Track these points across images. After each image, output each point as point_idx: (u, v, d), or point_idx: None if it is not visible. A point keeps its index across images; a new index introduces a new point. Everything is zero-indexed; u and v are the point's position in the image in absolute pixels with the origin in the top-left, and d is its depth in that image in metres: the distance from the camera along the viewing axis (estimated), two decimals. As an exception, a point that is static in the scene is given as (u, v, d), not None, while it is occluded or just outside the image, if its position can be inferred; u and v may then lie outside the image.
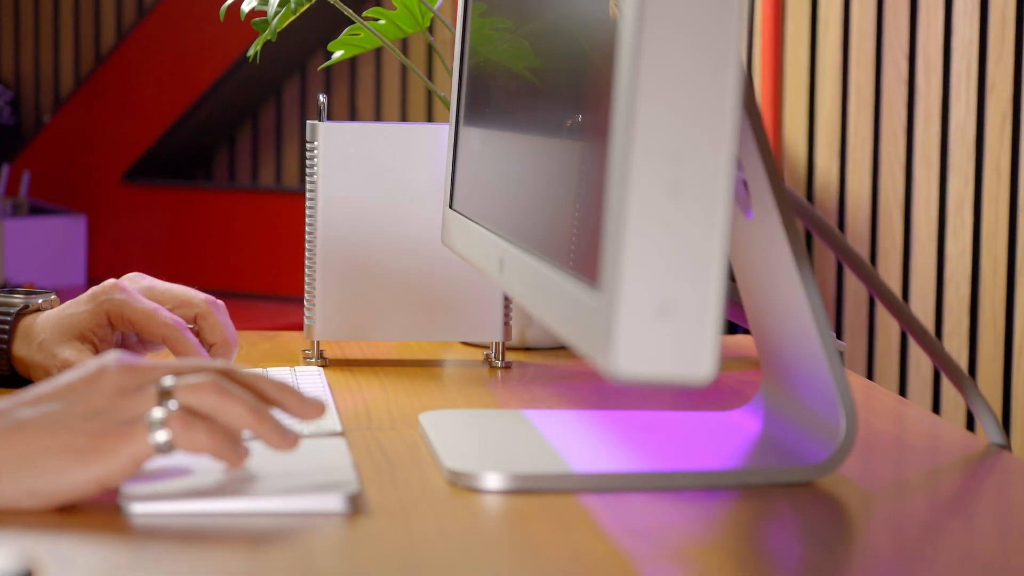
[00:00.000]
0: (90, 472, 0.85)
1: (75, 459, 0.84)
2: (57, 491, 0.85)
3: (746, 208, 0.94)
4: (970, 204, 2.43)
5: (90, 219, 3.43)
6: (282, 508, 0.86)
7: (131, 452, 0.85)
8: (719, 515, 0.89)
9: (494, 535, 0.85)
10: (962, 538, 0.86)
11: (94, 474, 0.85)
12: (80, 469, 0.85)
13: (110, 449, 0.85)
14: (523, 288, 0.96)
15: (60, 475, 0.84)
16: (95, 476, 0.85)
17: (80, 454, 0.84)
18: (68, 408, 0.86)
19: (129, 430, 0.85)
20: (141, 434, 0.85)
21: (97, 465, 0.85)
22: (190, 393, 0.86)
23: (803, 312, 0.92)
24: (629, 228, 0.76)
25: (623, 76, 0.77)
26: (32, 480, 0.84)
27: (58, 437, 0.85)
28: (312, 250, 1.29)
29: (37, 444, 0.85)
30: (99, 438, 0.85)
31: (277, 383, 0.90)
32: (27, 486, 0.84)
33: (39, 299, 1.21)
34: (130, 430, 0.85)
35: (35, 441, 0.85)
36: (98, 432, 0.85)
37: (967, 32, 2.42)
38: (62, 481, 0.85)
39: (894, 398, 1.20)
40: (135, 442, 0.85)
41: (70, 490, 0.85)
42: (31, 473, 0.84)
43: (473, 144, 1.20)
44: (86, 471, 0.85)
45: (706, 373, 0.77)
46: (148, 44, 3.38)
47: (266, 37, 1.37)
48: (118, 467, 0.85)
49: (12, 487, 0.84)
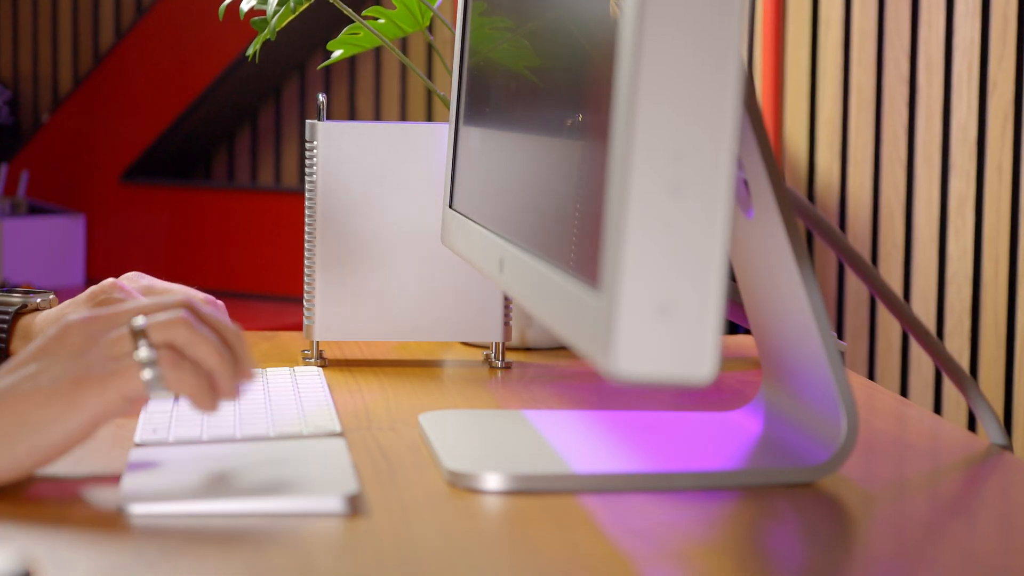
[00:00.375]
0: (82, 414, 0.86)
1: (64, 405, 0.86)
2: (55, 441, 0.86)
3: (747, 208, 0.94)
4: (972, 204, 2.42)
5: (89, 219, 3.43)
6: (281, 509, 0.85)
7: (118, 389, 0.87)
8: (720, 516, 0.89)
9: (494, 536, 0.85)
10: (964, 539, 0.86)
11: (87, 415, 0.86)
12: (72, 413, 0.86)
13: (97, 389, 0.86)
14: (523, 288, 0.96)
15: (54, 425, 0.86)
16: (88, 417, 0.86)
17: (67, 398, 0.86)
18: (44, 366, 0.87)
19: (115, 368, 0.87)
20: (128, 371, 0.87)
21: (87, 405, 0.86)
22: (163, 331, 0.88)
23: (804, 312, 0.92)
24: (629, 227, 0.76)
25: (624, 75, 0.77)
26: (28, 439, 0.86)
27: (41, 391, 0.86)
28: (311, 250, 1.29)
29: (24, 404, 0.86)
30: (83, 381, 0.86)
31: (235, 330, 0.91)
32: (25, 447, 0.86)
33: (38, 299, 1.21)
34: (117, 368, 0.87)
35: (22, 402, 0.86)
36: (81, 375, 0.86)
37: (969, 32, 2.42)
38: (57, 430, 0.86)
39: (895, 398, 1.19)
40: (122, 379, 0.86)
41: (67, 437, 0.86)
42: (25, 433, 0.86)
43: (473, 144, 1.19)
44: (78, 414, 0.86)
45: (707, 373, 0.77)
46: (147, 43, 3.38)
47: (265, 36, 1.36)
48: (107, 404, 0.86)
49: (10, 452, 0.86)
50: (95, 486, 0.90)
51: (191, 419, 1.04)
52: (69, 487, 0.90)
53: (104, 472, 0.93)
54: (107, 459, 0.96)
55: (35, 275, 3.28)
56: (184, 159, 3.49)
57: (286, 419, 1.05)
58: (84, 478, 0.92)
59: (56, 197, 3.47)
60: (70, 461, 0.95)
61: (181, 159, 3.49)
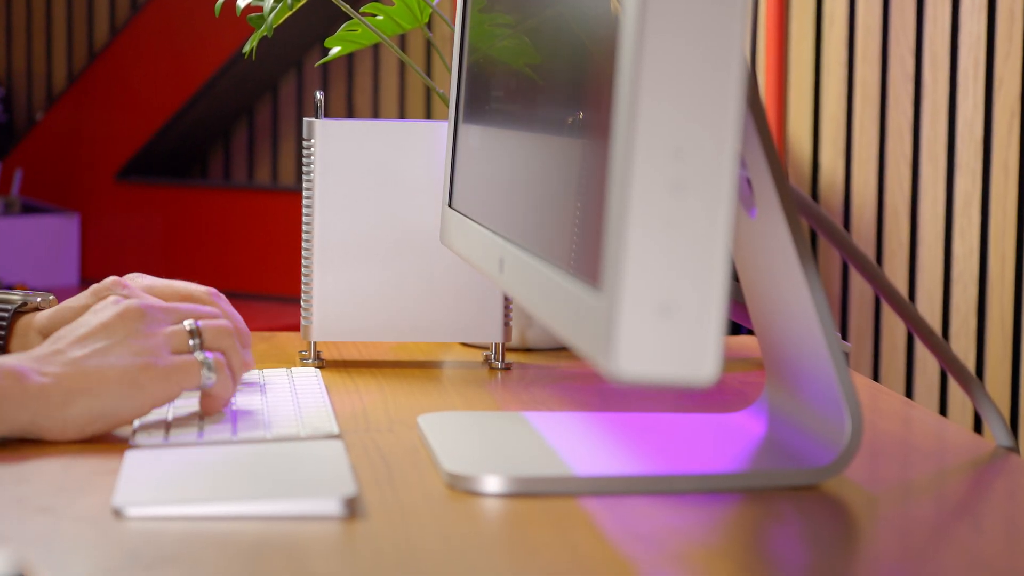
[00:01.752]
0: (143, 398, 1.00)
1: (133, 386, 1.00)
2: (118, 415, 1.00)
3: (749, 206, 0.94)
4: (978, 203, 2.42)
5: (83, 218, 3.42)
6: (278, 511, 0.85)
7: (180, 381, 1.01)
8: (722, 519, 0.88)
9: (494, 539, 0.85)
10: (970, 542, 0.85)
11: (148, 398, 1.00)
12: (138, 395, 1.00)
13: (161, 380, 1.01)
14: (523, 288, 0.96)
15: (122, 400, 0.99)
16: (149, 400, 1.00)
17: (136, 383, 1.00)
18: (115, 343, 1.01)
19: (178, 363, 1.01)
20: (189, 369, 1.02)
21: (148, 393, 1.00)
22: (216, 336, 1.04)
23: (808, 312, 0.91)
24: (631, 227, 0.76)
25: (625, 72, 0.77)
26: (100, 406, 0.99)
27: (116, 368, 1.00)
28: (309, 249, 1.28)
29: (99, 375, 0.99)
30: (151, 367, 1.00)
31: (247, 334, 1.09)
32: (96, 411, 0.99)
33: (38, 298, 1.21)
34: (179, 364, 1.02)
35: (97, 373, 0.99)
36: (148, 364, 1.00)
37: (975, 28, 2.41)
38: (123, 405, 1.00)
39: (900, 400, 1.19)
40: (188, 375, 1.02)
41: (128, 413, 1.00)
42: (98, 400, 0.99)
43: (472, 142, 1.19)
44: (142, 396, 1.00)
45: (709, 374, 0.77)
46: (142, 40, 3.37)
47: (262, 33, 1.36)
48: (167, 392, 1.01)
49: (82, 412, 0.99)
50: (90, 488, 0.90)
51: (187, 421, 1.04)
52: (64, 489, 0.90)
53: (99, 474, 0.93)
54: (102, 461, 0.95)
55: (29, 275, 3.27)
56: (180, 157, 3.49)
57: (283, 421, 1.04)
58: (79, 480, 0.92)
59: (50, 196, 3.46)
60: (65, 462, 0.95)
61: (177, 157, 3.48)
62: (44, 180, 3.48)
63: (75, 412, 0.99)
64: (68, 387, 0.99)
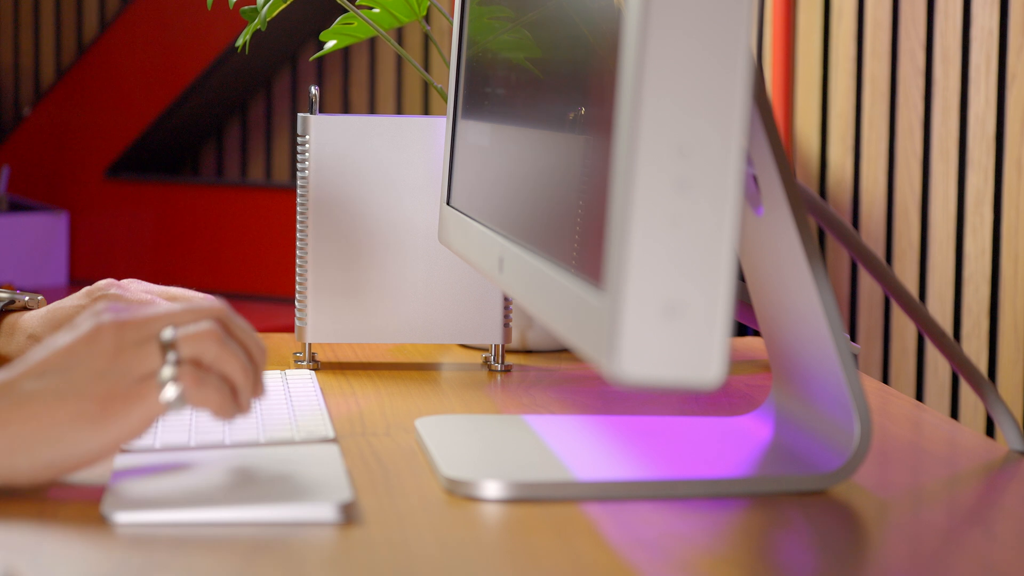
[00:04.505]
0: (105, 436, 0.87)
1: (88, 426, 0.87)
2: (75, 460, 0.88)
3: (756, 205, 0.94)
4: (990, 201, 2.41)
5: (72, 216, 3.41)
6: (272, 517, 0.85)
7: (143, 412, 0.88)
8: (728, 525, 0.88)
9: (493, 546, 0.84)
10: (982, 549, 0.85)
11: (110, 438, 0.88)
12: (95, 435, 0.87)
13: (122, 411, 0.87)
14: (524, 288, 0.96)
15: (76, 445, 0.87)
16: (111, 440, 0.88)
17: (93, 420, 0.87)
18: (73, 375, 0.88)
19: (140, 389, 0.88)
20: (152, 393, 0.88)
21: (111, 429, 0.87)
22: (193, 344, 0.89)
23: (816, 313, 0.91)
24: (634, 225, 0.75)
25: (628, 67, 0.76)
26: (49, 453, 0.87)
27: (68, 406, 0.87)
28: (303, 249, 1.28)
29: (49, 417, 0.87)
30: (109, 401, 0.87)
31: (261, 345, 0.92)
32: (45, 460, 0.87)
33: (26, 297, 1.22)
34: (141, 389, 0.88)
35: (46, 414, 0.87)
36: (108, 395, 0.87)
37: (986, 22, 2.40)
38: (78, 450, 0.87)
39: (910, 403, 1.20)
40: (146, 401, 0.88)
41: (87, 457, 0.88)
42: (47, 446, 0.87)
43: (471, 138, 1.19)
44: (101, 436, 0.87)
45: (714, 377, 0.77)
46: (132, 34, 3.36)
47: (256, 26, 1.37)
48: (131, 428, 0.88)
49: (30, 463, 0.87)
50: (79, 494, 0.90)
51: (179, 425, 1.03)
52: (53, 494, 0.90)
53: (89, 479, 0.92)
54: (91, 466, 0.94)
55: (16, 274, 3.26)
56: (171, 154, 3.48)
57: (277, 424, 1.04)
58: (68, 485, 0.91)
59: (38, 194, 3.45)
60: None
61: (168, 154, 3.47)
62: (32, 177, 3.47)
63: (22, 462, 0.87)
64: (14, 432, 0.87)
